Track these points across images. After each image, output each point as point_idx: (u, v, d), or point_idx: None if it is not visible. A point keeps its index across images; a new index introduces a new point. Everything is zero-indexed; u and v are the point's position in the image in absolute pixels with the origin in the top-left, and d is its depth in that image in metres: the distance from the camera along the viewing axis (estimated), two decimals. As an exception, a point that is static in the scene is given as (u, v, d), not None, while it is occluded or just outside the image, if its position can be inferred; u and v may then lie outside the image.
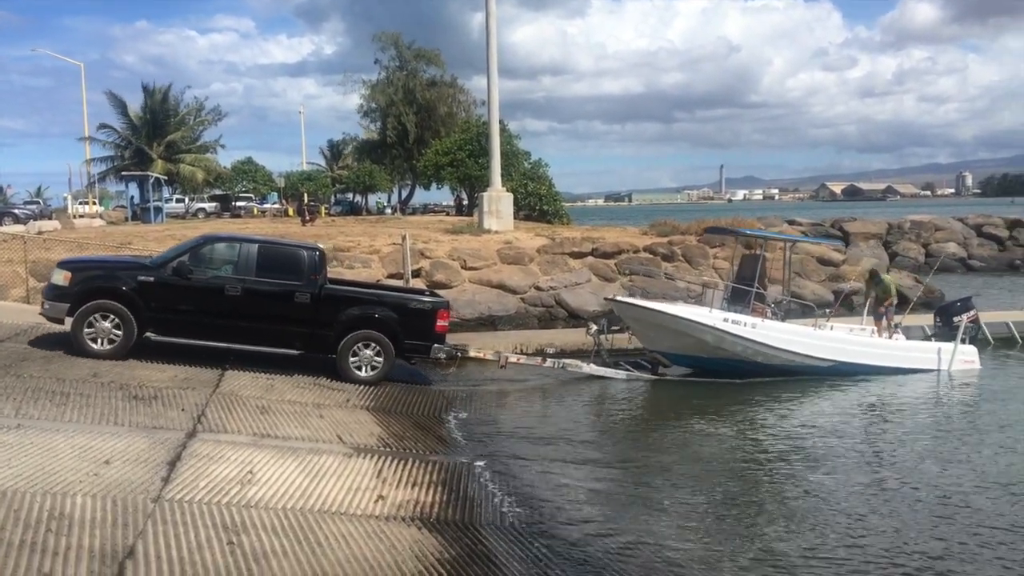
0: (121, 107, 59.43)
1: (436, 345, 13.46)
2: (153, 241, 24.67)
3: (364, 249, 24.59)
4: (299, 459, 8.48)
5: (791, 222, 43.90)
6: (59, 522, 5.92)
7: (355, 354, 12.98)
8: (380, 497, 7.77)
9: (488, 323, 21.44)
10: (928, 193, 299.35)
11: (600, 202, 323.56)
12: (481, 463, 9.87)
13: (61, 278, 12.34)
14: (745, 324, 16.23)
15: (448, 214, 57.53)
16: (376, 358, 13.03)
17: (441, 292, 22.51)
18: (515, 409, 14.18)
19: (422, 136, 59.53)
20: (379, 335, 13.04)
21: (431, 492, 8.22)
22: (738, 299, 16.99)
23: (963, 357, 17.49)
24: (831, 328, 17.47)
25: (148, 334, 12.34)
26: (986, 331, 20.82)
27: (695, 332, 16.19)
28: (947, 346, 17.47)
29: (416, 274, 21.87)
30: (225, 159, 67.58)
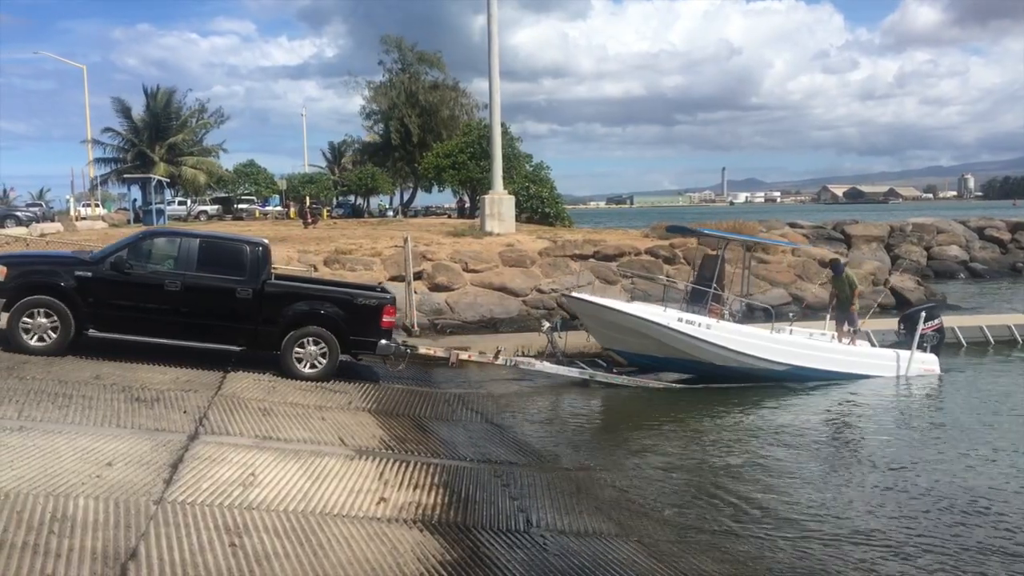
0: (125, 111, 59.56)
1: (383, 342, 13.23)
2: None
3: (366, 252, 24.61)
4: (301, 461, 8.48)
5: (793, 225, 43.85)
6: (62, 524, 5.93)
7: (299, 350, 12.78)
8: (382, 499, 7.77)
9: (490, 325, 21.45)
10: (930, 196, 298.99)
11: (602, 204, 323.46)
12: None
13: None
14: (699, 325, 15.98)
15: (450, 216, 57.59)
16: (321, 354, 12.84)
17: (443, 294, 22.59)
18: (541, 410, 14.13)
19: (424, 139, 59.61)
20: (323, 331, 12.82)
21: (433, 494, 8.23)
22: (698, 299, 16.85)
23: (922, 365, 17.22)
24: (790, 332, 17.24)
25: (90, 331, 12.21)
26: (988, 334, 20.96)
27: (648, 331, 15.99)
28: (906, 353, 17.22)
29: (418, 276, 21.87)
30: (227, 161, 67.74)
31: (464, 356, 15.46)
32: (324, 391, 12.34)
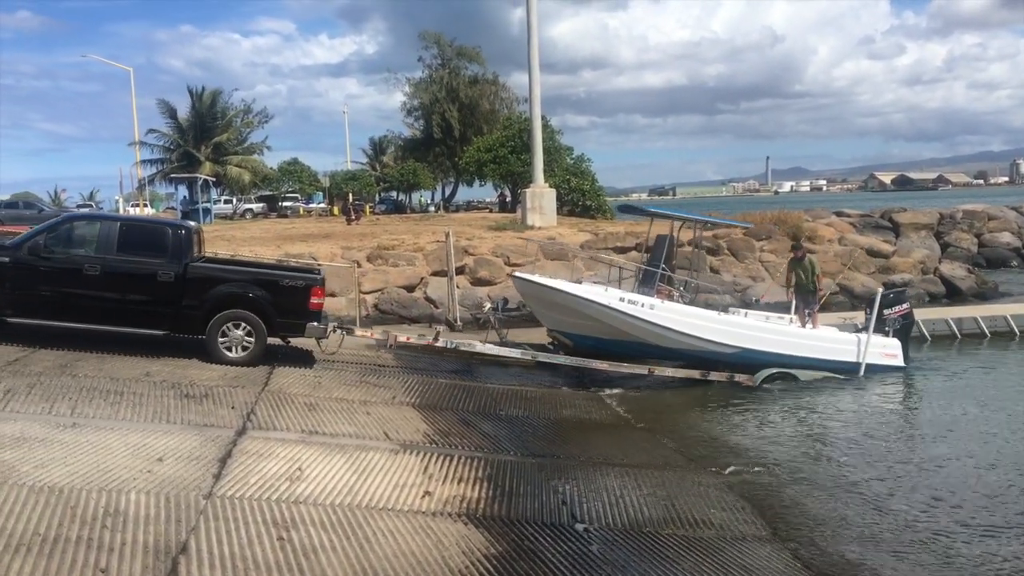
0: (170, 112, 60.60)
1: (311, 324, 12.93)
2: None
3: (408, 247, 24.74)
4: (347, 456, 8.56)
5: (839, 213, 43.01)
6: (114, 518, 6.05)
7: (224, 334, 12.47)
8: (427, 493, 7.81)
9: (531, 319, 21.32)
10: (981, 182, 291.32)
11: (644, 196, 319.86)
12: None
13: None
14: (642, 305, 15.49)
15: (491, 211, 57.67)
16: (247, 338, 12.52)
17: (485, 288, 22.63)
18: (587, 404, 14.04)
19: (465, 133, 59.77)
20: (249, 314, 12.46)
21: (477, 488, 8.25)
22: (648, 280, 16.48)
23: (884, 350, 16.66)
24: (744, 314, 16.76)
25: (10, 318, 12.01)
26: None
27: (590, 312, 15.57)
28: (864, 337, 16.64)
29: (460, 271, 21.94)
30: (271, 160, 68.58)
31: (402, 338, 15.46)
32: (368, 386, 12.43)
